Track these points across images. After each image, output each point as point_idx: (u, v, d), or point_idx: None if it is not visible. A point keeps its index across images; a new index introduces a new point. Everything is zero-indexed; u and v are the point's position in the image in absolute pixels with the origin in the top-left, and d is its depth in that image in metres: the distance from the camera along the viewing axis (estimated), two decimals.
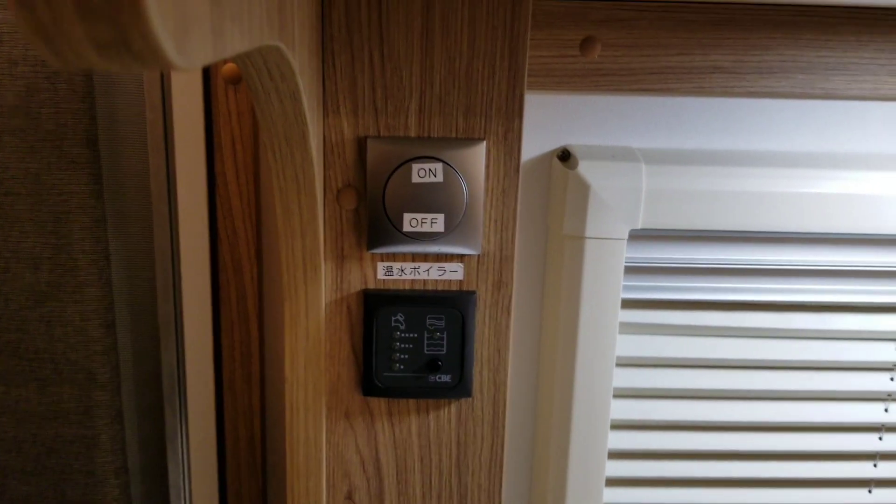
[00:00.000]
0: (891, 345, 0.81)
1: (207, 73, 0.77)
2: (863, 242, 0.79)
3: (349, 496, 0.74)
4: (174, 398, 0.86)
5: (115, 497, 0.89)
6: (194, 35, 0.24)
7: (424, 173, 0.66)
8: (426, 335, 0.70)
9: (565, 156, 0.77)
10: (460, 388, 0.71)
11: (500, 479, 0.74)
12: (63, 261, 0.83)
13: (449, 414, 0.73)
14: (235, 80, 0.75)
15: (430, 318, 0.70)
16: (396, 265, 0.70)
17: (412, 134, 0.66)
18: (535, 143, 0.77)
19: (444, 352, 0.71)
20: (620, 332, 0.79)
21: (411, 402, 0.72)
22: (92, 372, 0.85)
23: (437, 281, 0.70)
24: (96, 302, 0.84)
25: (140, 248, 0.85)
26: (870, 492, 0.86)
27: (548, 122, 0.77)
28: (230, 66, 0.74)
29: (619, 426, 0.82)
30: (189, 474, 0.89)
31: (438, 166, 0.66)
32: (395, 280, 0.70)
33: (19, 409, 0.87)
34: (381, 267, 0.69)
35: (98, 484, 0.89)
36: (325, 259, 0.69)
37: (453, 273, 0.70)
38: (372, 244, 0.68)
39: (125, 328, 0.87)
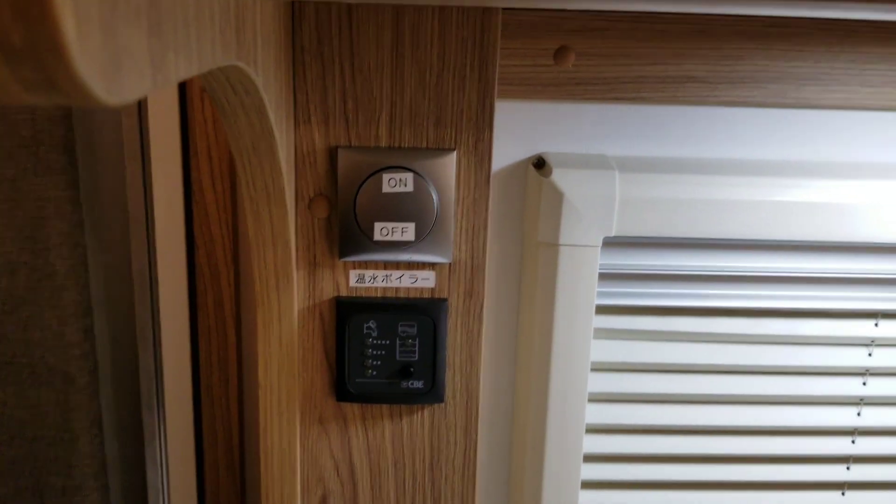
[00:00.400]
0: (862, 350, 0.82)
1: (182, 82, 0.77)
2: (832, 250, 0.79)
3: (323, 500, 0.75)
4: (152, 402, 0.87)
5: (93, 500, 0.90)
6: (128, 71, 0.25)
7: (395, 183, 0.67)
8: (398, 342, 0.71)
9: (540, 163, 0.77)
10: (433, 393, 0.72)
11: (474, 482, 0.75)
12: (40, 266, 0.83)
13: (422, 419, 0.73)
14: None
15: (401, 325, 0.71)
16: (368, 273, 0.70)
17: (383, 144, 0.67)
18: (511, 150, 0.78)
19: (417, 358, 0.71)
20: (595, 338, 0.79)
21: (384, 407, 0.73)
22: (70, 375, 0.86)
23: (408, 288, 0.71)
24: (74, 306, 0.84)
25: (117, 253, 0.85)
26: (843, 494, 0.87)
27: (523, 130, 0.77)
28: None
29: (594, 430, 0.83)
30: (167, 476, 0.89)
31: (409, 176, 0.67)
32: (367, 287, 0.70)
33: None
34: (353, 274, 0.70)
35: (76, 488, 0.90)
36: (297, 267, 0.69)
37: (425, 281, 0.71)
38: (344, 252, 0.69)
39: (103, 332, 0.87)
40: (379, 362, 0.71)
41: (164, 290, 0.83)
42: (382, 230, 0.68)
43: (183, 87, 0.78)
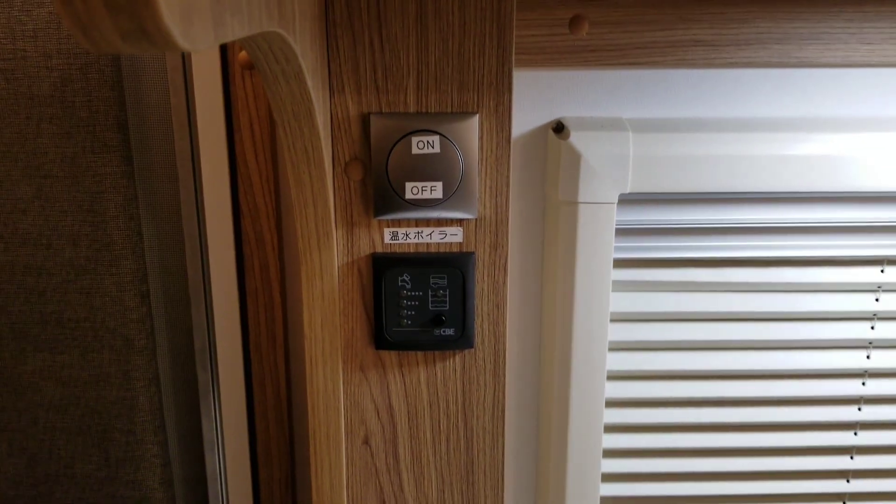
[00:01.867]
0: (869, 295, 0.87)
1: (225, 61, 0.84)
2: (839, 200, 0.84)
3: (366, 441, 0.81)
4: (206, 360, 0.94)
5: (154, 454, 0.97)
6: (197, 25, 0.31)
7: (423, 145, 0.73)
8: (430, 293, 0.77)
9: (559, 128, 0.82)
10: (463, 340, 0.78)
11: (503, 421, 0.81)
12: (99, 237, 0.90)
13: (454, 364, 0.80)
14: (250, 66, 0.82)
15: (433, 278, 0.77)
16: (401, 230, 0.76)
17: (411, 109, 0.73)
18: (532, 116, 0.83)
19: (448, 308, 0.77)
20: (613, 290, 0.85)
21: (419, 354, 0.79)
22: (129, 339, 0.93)
23: (438, 244, 0.77)
24: (131, 274, 0.91)
25: (170, 223, 0.92)
26: (855, 434, 0.92)
27: (543, 97, 0.82)
28: (244, 53, 0.81)
29: (614, 377, 0.88)
30: (221, 430, 0.96)
31: (436, 138, 0.73)
32: (400, 244, 0.77)
33: (64, 375, 0.95)
34: (387, 232, 0.76)
35: (138, 442, 0.97)
36: (336, 226, 0.75)
37: (453, 236, 0.76)
38: (378, 211, 0.75)
39: (158, 297, 0.94)
40: (413, 312, 0.78)
41: (213, 257, 0.90)
42: (413, 189, 0.74)
43: (225, 67, 0.84)
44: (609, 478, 0.91)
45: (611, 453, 0.90)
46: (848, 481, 0.93)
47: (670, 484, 0.92)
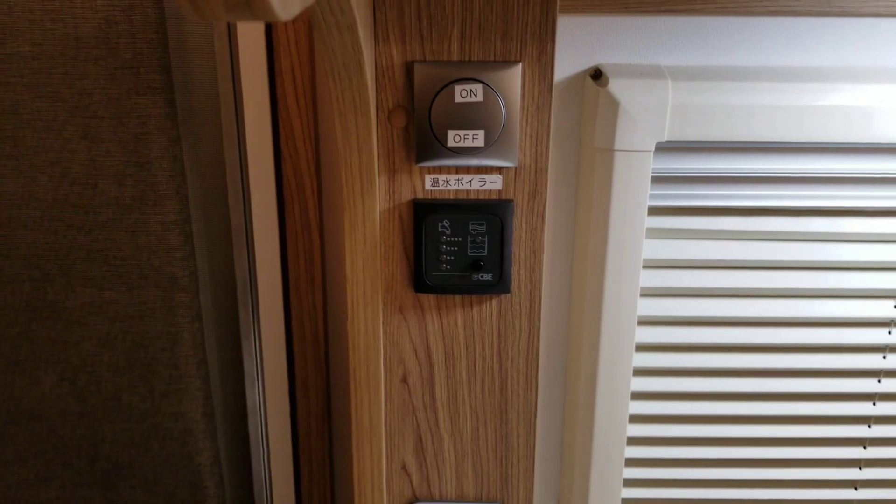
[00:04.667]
0: None
1: None
2: (873, 151, 0.84)
3: (404, 379, 0.85)
4: (247, 299, 0.97)
5: (196, 387, 1.01)
6: None
7: (466, 94, 0.74)
8: (469, 239, 0.79)
9: (597, 75, 0.83)
10: (500, 285, 0.81)
11: (537, 364, 0.84)
12: (144, 177, 0.93)
13: (490, 308, 0.82)
14: None
15: (472, 224, 0.79)
16: (442, 177, 0.78)
17: (454, 58, 0.74)
18: (571, 63, 0.84)
19: (486, 253, 0.79)
20: (647, 237, 0.86)
21: (457, 297, 0.82)
22: (173, 276, 0.96)
23: (478, 191, 0.79)
24: (175, 213, 0.94)
25: (212, 165, 0.95)
26: (879, 381, 0.94)
27: (582, 43, 0.83)
28: None
29: (644, 322, 0.90)
30: (262, 366, 1.00)
31: (479, 87, 0.74)
32: (441, 190, 0.78)
33: (111, 310, 0.98)
34: (428, 179, 0.78)
35: (181, 376, 1.01)
36: (379, 173, 0.77)
37: (493, 183, 0.78)
38: (420, 158, 0.77)
39: (201, 237, 0.97)
40: (452, 257, 0.80)
41: (255, 199, 0.92)
42: (455, 137, 0.75)
43: None
44: (636, 419, 0.94)
45: (638, 395, 0.93)
46: (869, 426, 0.96)
47: (697, 426, 0.95)
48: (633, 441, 0.95)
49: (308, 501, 1.03)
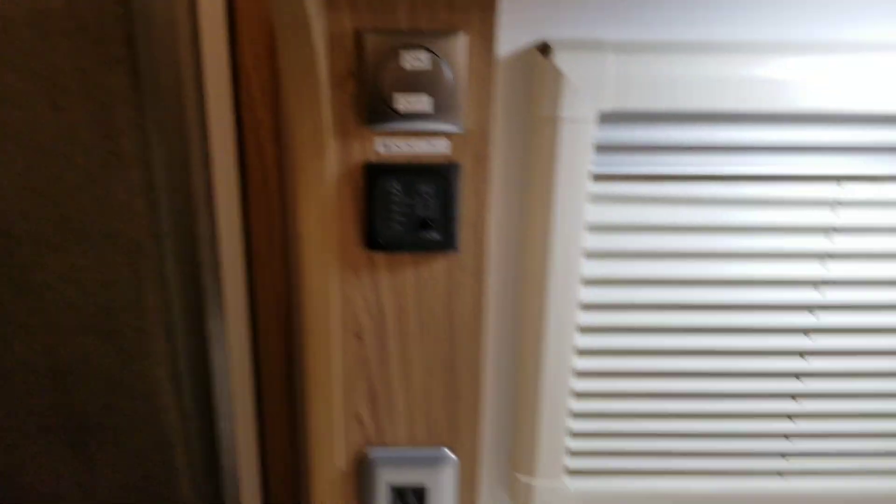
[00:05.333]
0: (826, 209, 0.93)
1: None
2: (804, 121, 0.89)
3: (358, 335, 0.89)
4: (211, 264, 1.01)
5: (160, 345, 1.05)
6: None
7: (414, 61, 0.79)
8: (418, 200, 0.84)
9: (545, 48, 0.87)
10: (448, 243, 0.85)
11: (483, 318, 0.89)
12: (110, 146, 0.96)
13: (439, 266, 0.87)
14: None
15: (421, 186, 0.83)
16: (392, 141, 0.82)
17: (403, 27, 0.78)
18: (518, 37, 0.88)
19: (434, 214, 0.84)
20: (593, 202, 0.91)
21: (407, 255, 0.86)
22: (140, 243, 1.00)
23: (427, 154, 0.83)
24: (140, 183, 0.97)
25: (175, 135, 0.98)
26: (808, 336, 0.99)
27: (533, 19, 0.86)
28: None
29: (589, 282, 0.95)
30: (225, 327, 1.04)
31: (426, 55, 0.78)
32: (391, 154, 0.83)
33: (79, 276, 1.02)
34: (379, 143, 0.82)
35: (149, 340, 1.04)
36: (331, 137, 0.81)
37: (441, 147, 0.83)
38: (371, 123, 0.81)
39: (165, 206, 1.01)
40: (403, 217, 0.84)
41: (217, 168, 0.96)
42: (404, 103, 0.80)
43: None
44: (581, 374, 0.99)
45: (583, 352, 0.98)
46: (802, 358, 1.01)
47: (639, 381, 1.00)
48: (579, 395, 1.00)
49: (272, 454, 1.07)
